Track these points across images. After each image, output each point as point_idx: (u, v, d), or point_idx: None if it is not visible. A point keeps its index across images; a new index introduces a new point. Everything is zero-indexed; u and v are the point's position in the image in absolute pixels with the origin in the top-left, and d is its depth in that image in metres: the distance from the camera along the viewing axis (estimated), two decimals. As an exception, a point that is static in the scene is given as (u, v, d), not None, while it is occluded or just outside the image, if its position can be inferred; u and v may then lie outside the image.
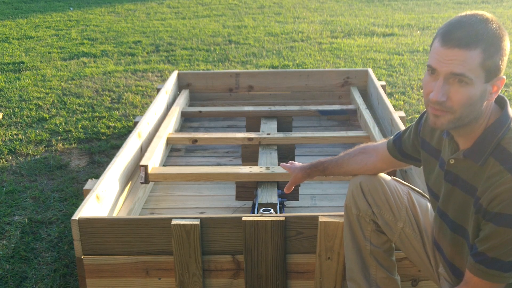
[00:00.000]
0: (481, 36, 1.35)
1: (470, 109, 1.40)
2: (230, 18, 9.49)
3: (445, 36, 1.38)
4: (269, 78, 4.43)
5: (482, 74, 1.37)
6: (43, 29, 8.84)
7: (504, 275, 1.41)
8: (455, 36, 1.36)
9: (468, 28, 1.36)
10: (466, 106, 1.39)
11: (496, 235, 1.39)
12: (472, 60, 1.35)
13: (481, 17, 1.39)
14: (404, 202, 1.85)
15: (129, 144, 2.99)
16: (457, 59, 1.36)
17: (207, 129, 4.13)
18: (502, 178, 1.38)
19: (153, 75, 5.99)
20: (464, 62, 1.36)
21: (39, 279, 2.50)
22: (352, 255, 1.94)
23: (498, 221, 1.37)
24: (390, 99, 4.80)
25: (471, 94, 1.38)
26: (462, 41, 1.35)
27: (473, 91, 1.38)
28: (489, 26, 1.37)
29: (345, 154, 2.01)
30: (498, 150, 1.42)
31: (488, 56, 1.36)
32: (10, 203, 3.21)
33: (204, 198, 3.07)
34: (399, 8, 10.14)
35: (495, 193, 1.38)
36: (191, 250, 2.09)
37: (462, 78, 1.37)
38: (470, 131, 1.47)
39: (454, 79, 1.38)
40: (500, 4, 10.33)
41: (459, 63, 1.36)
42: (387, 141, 1.92)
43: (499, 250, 1.39)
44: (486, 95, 1.41)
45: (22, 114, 4.73)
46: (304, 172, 2.10)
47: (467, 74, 1.36)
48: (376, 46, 7.04)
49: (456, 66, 1.36)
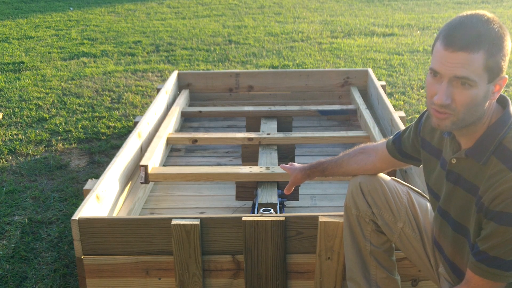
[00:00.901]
0: (483, 37, 1.35)
1: (474, 110, 1.40)
2: (230, 18, 9.49)
3: (447, 39, 1.38)
4: (269, 78, 4.43)
5: (485, 75, 1.37)
6: (43, 29, 8.84)
7: (505, 274, 1.42)
8: (457, 38, 1.36)
9: (470, 30, 1.36)
10: (470, 108, 1.40)
11: (497, 234, 1.39)
12: (475, 62, 1.35)
13: (482, 17, 1.38)
14: (403, 202, 1.86)
15: (129, 144, 2.99)
16: (460, 62, 1.36)
17: (207, 129, 4.13)
18: (504, 177, 1.38)
19: (153, 75, 5.99)
20: (468, 64, 1.35)
21: (39, 279, 2.50)
22: (352, 255, 1.94)
23: (500, 220, 1.38)
24: (390, 99, 4.80)
25: (475, 95, 1.38)
26: (464, 43, 1.35)
27: (477, 93, 1.38)
28: (490, 26, 1.37)
29: (344, 155, 2.01)
30: (500, 149, 1.42)
31: (490, 57, 1.36)
32: (10, 203, 3.21)
33: (204, 198, 3.07)
34: (399, 8, 10.14)
35: (497, 192, 1.38)
36: (191, 250, 2.09)
37: (466, 81, 1.37)
38: (472, 131, 1.47)
39: (458, 82, 1.38)
40: (500, 4, 10.33)
41: (463, 66, 1.36)
42: (386, 141, 1.92)
43: (500, 249, 1.40)
44: (489, 95, 1.41)
45: (22, 114, 4.73)
46: (304, 173, 2.10)
47: (470, 77, 1.36)
48: (376, 46, 7.04)
49: (460, 69, 1.36)
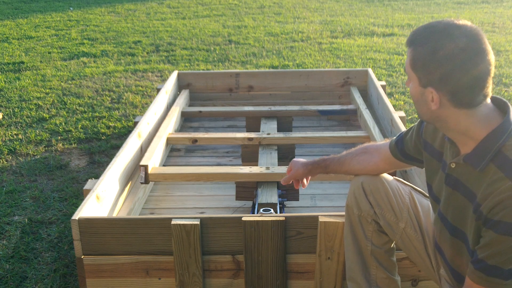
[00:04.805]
0: (420, 37, 1.42)
1: (417, 106, 1.50)
2: (230, 18, 9.49)
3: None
4: (269, 78, 4.43)
5: (413, 75, 1.45)
6: (43, 29, 8.84)
7: (504, 283, 1.40)
8: (412, 34, 1.46)
9: (421, 28, 1.44)
10: (414, 103, 1.50)
11: (496, 243, 1.38)
12: (408, 56, 1.45)
13: (448, 22, 1.41)
14: (406, 202, 1.85)
15: (129, 144, 2.99)
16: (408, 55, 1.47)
17: (207, 129, 4.12)
18: (503, 185, 1.36)
19: (153, 75, 5.99)
20: (407, 57, 1.46)
21: (39, 279, 2.50)
22: (353, 255, 1.94)
23: (499, 228, 1.36)
24: (390, 99, 4.80)
25: (412, 91, 1.48)
26: (408, 39, 1.45)
27: (412, 89, 1.48)
28: (441, 30, 1.39)
29: (347, 153, 2.00)
30: (499, 157, 1.39)
31: (417, 57, 1.41)
32: (10, 203, 3.21)
33: (204, 198, 3.07)
34: (399, 8, 10.14)
35: (495, 200, 1.36)
36: (191, 250, 2.08)
37: (406, 72, 1.48)
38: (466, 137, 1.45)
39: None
40: (500, 4, 10.33)
41: (407, 58, 1.47)
42: (389, 142, 1.91)
43: (499, 257, 1.38)
44: (426, 101, 1.44)
45: (22, 114, 4.73)
46: (306, 168, 2.07)
47: (406, 69, 1.47)
48: (376, 46, 7.04)
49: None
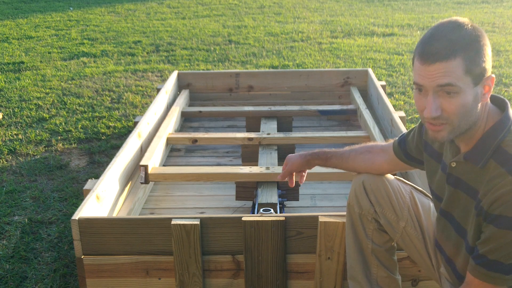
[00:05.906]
0: (457, 44, 1.35)
1: (467, 115, 1.41)
2: (230, 18, 9.49)
3: (422, 55, 1.39)
4: (269, 78, 4.43)
5: (469, 80, 1.37)
6: (43, 29, 8.84)
7: (505, 278, 1.41)
8: (432, 51, 1.37)
9: (441, 40, 1.37)
10: (462, 114, 1.40)
11: (496, 238, 1.39)
12: (455, 69, 1.35)
13: (453, 24, 1.39)
14: (406, 201, 1.85)
15: (129, 144, 2.99)
16: (440, 72, 1.36)
17: (207, 129, 4.12)
18: (503, 180, 1.37)
19: (153, 75, 5.99)
20: (448, 72, 1.36)
21: (39, 279, 2.50)
22: (354, 254, 1.94)
23: (499, 223, 1.37)
24: (390, 99, 4.80)
25: (464, 101, 1.38)
26: (440, 55, 1.36)
27: (465, 98, 1.38)
28: (463, 31, 1.37)
29: (351, 150, 1.98)
30: (498, 153, 1.41)
31: (469, 60, 1.36)
32: (10, 203, 3.21)
33: (204, 198, 3.07)
34: (399, 8, 10.14)
35: (496, 195, 1.38)
36: (191, 250, 2.08)
37: (450, 88, 1.37)
38: (470, 135, 1.47)
39: (443, 91, 1.38)
40: (500, 4, 10.33)
41: (443, 75, 1.36)
42: (392, 143, 1.91)
43: (499, 252, 1.39)
44: (479, 97, 1.41)
45: (22, 114, 4.73)
46: (303, 159, 2.03)
47: (453, 82, 1.36)
48: (376, 46, 7.04)
49: (441, 78, 1.36)
